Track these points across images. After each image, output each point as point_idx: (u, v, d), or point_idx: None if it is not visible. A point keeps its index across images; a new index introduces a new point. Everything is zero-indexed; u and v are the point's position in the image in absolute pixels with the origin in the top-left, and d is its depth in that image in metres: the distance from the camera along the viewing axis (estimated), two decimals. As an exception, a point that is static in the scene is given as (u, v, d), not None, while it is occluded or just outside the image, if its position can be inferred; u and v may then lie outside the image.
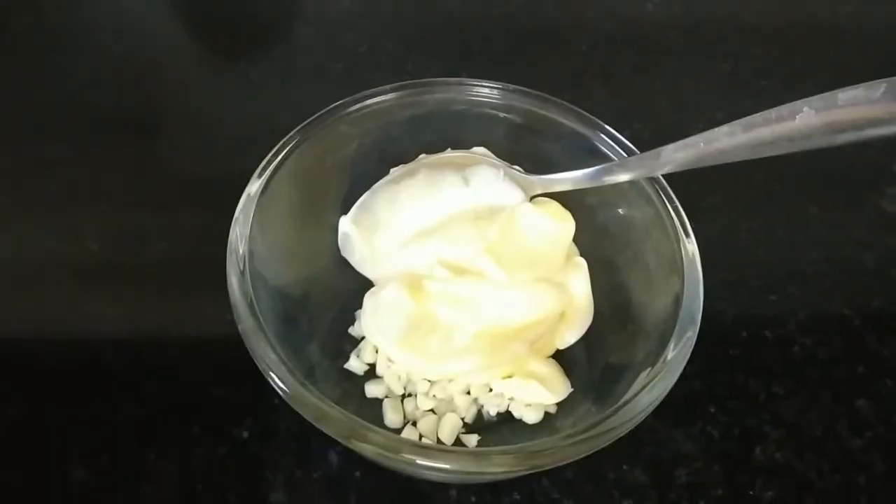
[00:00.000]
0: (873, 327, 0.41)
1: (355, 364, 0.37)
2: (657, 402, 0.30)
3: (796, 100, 0.28)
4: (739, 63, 0.54)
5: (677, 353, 0.31)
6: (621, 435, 0.29)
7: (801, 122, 0.29)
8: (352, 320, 0.38)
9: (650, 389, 0.30)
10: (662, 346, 0.31)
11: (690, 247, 0.33)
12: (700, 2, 0.59)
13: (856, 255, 0.45)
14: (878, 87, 0.27)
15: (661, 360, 0.30)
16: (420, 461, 0.28)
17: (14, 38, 0.54)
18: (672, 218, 0.34)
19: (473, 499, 0.35)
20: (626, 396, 0.30)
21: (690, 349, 0.31)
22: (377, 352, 0.37)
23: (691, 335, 0.31)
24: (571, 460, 0.29)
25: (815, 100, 0.28)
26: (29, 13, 0.55)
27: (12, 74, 0.51)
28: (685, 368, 0.35)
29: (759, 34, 0.57)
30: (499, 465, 0.28)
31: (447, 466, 0.28)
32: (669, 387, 0.30)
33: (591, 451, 0.29)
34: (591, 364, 0.36)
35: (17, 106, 0.49)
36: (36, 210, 0.44)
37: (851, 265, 0.44)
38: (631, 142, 0.37)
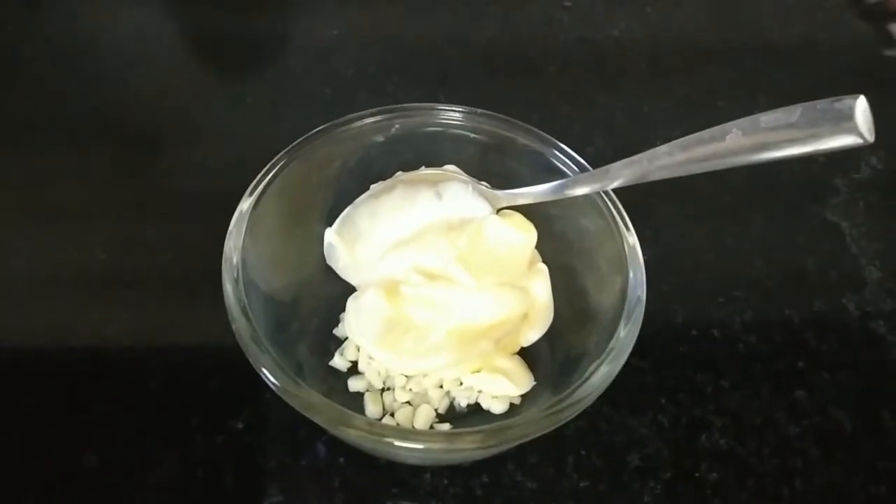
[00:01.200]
0: (812, 326, 0.45)
1: (339, 361, 0.40)
2: (612, 377, 0.33)
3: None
4: (696, 84, 0.58)
5: (628, 332, 0.34)
6: (581, 410, 0.32)
7: (731, 142, 0.32)
8: (336, 322, 0.41)
9: (606, 365, 0.33)
10: (615, 329, 0.35)
11: (631, 239, 0.37)
12: (661, 28, 0.63)
13: (798, 260, 0.48)
14: (795, 111, 0.31)
15: (615, 337, 0.34)
16: (398, 443, 0.31)
17: (24, 63, 0.57)
18: (618, 224, 0.38)
19: (446, 481, 0.38)
20: (585, 375, 0.33)
21: (639, 326, 0.34)
22: (359, 350, 0.40)
23: (639, 313, 0.35)
24: (535, 436, 0.32)
25: (742, 122, 0.32)
26: (37, 40, 0.58)
27: (23, 96, 0.54)
28: (640, 363, 0.39)
29: (714, 57, 0.60)
30: (468, 443, 0.32)
31: (422, 446, 0.31)
32: (621, 364, 0.34)
33: (555, 427, 0.32)
34: (552, 359, 0.39)
35: (28, 125, 0.52)
36: (48, 222, 0.47)
37: (794, 269, 0.48)
38: (594, 158, 0.40)
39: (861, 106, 0.29)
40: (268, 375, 0.32)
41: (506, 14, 0.63)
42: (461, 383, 0.39)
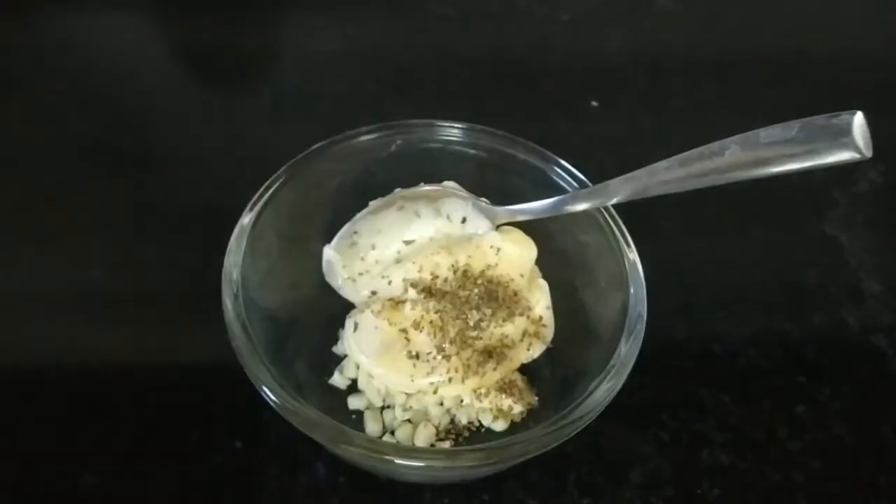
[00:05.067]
0: (812, 340, 0.45)
1: (339, 379, 0.40)
2: (613, 394, 0.33)
3: (746, 131, 0.32)
4: (694, 98, 0.58)
5: (629, 349, 0.34)
6: (582, 427, 0.33)
7: (730, 157, 0.33)
8: (335, 339, 0.41)
9: (607, 381, 0.33)
10: (616, 346, 0.35)
11: (632, 255, 0.37)
12: (658, 42, 0.63)
13: (798, 274, 0.48)
14: (794, 127, 0.31)
15: (616, 354, 0.34)
16: (399, 461, 0.31)
17: (20, 84, 0.57)
18: (618, 240, 0.38)
19: (446, 500, 0.38)
20: (586, 392, 0.33)
21: (640, 343, 0.34)
22: (358, 368, 0.39)
23: (640, 330, 0.35)
24: (536, 453, 0.32)
25: (741, 138, 0.32)
26: (33, 60, 0.58)
27: (19, 116, 0.54)
28: (641, 379, 0.38)
29: (712, 71, 0.61)
30: (470, 460, 0.32)
31: (423, 464, 0.31)
32: (623, 380, 0.34)
33: (556, 444, 0.32)
34: (553, 375, 0.39)
35: (24, 145, 0.52)
36: (44, 241, 0.47)
37: (793, 284, 0.48)
38: (594, 173, 0.40)
39: (858, 122, 0.29)
40: (268, 393, 0.32)
41: (503, 30, 0.63)
42: (462, 401, 0.38)
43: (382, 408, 0.39)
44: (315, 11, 0.64)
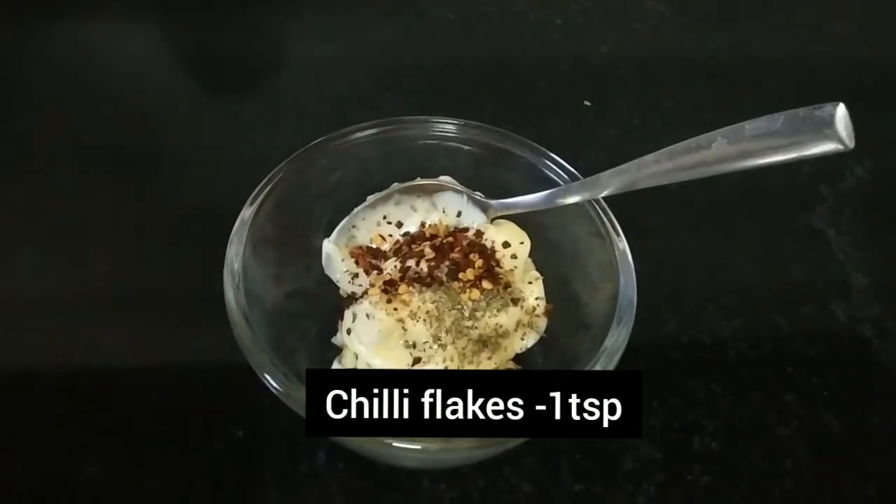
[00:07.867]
0: (801, 332, 0.46)
1: (338, 369, 0.40)
2: None
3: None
4: (683, 97, 0.59)
5: (619, 334, 0.35)
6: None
7: (717, 149, 0.33)
8: (334, 331, 0.41)
9: (598, 366, 0.34)
10: (606, 335, 0.35)
11: (622, 244, 0.38)
12: (649, 43, 0.64)
13: (786, 267, 0.49)
14: (778, 119, 0.32)
15: (607, 339, 0.35)
16: (397, 444, 0.32)
17: (28, 86, 0.58)
18: (609, 230, 0.38)
19: (443, 486, 0.39)
20: None
21: (630, 328, 0.35)
22: (357, 358, 0.40)
23: (629, 315, 0.36)
24: (529, 436, 0.33)
25: (727, 130, 0.33)
26: (37, 62, 0.59)
27: (24, 118, 0.55)
28: (632, 369, 0.39)
29: (701, 71, 0.62)
30: (465, 442, 0.32)
31: (420, 447, 0.32)
32: (614, 365, 0.34)
33: None
34: (546, 364, 0.40)
35: (29, 146, 0.53)
36: (49, 242, 0.47)
37: (782, 277, 0.49)
38: (585, 169, 0.41)
39: (841, 113, 0.30)
40: (269, 379, 0.33)
41: (498, 31, 0.64)
42: (457, 389, 0.39)
43: (380, 396, 0.40)
44: (315, 15, 0.65)
